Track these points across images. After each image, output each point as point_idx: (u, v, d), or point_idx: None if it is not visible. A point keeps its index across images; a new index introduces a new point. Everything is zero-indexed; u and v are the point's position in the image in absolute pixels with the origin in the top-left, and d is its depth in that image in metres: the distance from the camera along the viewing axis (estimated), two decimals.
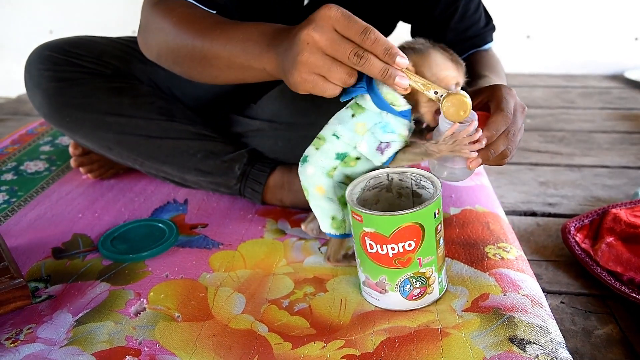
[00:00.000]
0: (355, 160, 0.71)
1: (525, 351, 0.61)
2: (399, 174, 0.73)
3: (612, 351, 0.67)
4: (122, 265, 0.82)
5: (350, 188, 0.70)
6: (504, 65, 0.95)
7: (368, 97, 0.66)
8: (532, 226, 0.96)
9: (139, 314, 0.72)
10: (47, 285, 0.79)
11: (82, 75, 0.94)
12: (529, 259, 0.82)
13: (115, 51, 0.98)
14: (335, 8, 0.57)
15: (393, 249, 0.65)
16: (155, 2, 0.79)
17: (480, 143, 0.63)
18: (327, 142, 0.71)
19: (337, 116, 0.71)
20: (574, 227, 0.88)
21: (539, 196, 1.07)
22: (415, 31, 1.00)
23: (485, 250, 0.81)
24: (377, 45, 0.57)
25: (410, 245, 0.65)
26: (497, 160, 0.67)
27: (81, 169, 1.11)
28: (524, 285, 0.73)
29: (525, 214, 1.01)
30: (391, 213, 0.63)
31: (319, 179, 0.72)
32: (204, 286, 0.77)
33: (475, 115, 0.63)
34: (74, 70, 0.94)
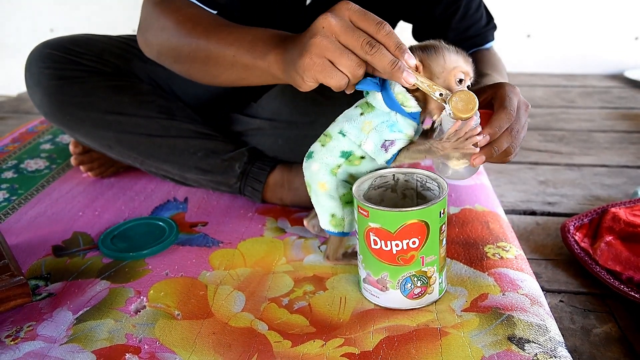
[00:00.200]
0: (359, 160, 0.71)
1: (524, 350, 0.62)
2: (405, 174, 0.73)
3: (611, 350, 0.67)
4: (122, 263, 0.83)
5: (357, 184, 0.70)
6: (504, 63, 0.96)
7: (379, 96, 0.66)
8: (532, 225, 0.96)
9: (139, 311, 0.72)
10: (47, 283, 0.79)
11: (83, 73, 0.94)
12: (528, 258, 0.82)
13: (115, 49, 0.99)
14: (352, 3, 0.60)
15: (397, 245, 0.65)
16: (157, 1, 0.79)
17: (483, 136, 0.63)
18: (333, 140, 0.71)
19: (345, 114, 0.71)
20: (574, 226, 0.89)
21: (538, 195, 1.07)
22: (416, 31, 1.00)
23: (484, 249, 0.81)
24: (390, 39, 0.59)
25: (414, 242, 0.65)
26: (500, 157, 0.67)
27: (81, 167, 1.12)
28: (523, 285, 0.73)
29: (525, 213, 1.01)
30: (398, 209, 0.64)
31: (322, 176, 0.72)
32: (204, 284, 0.77)
33: (478, 112, 0.64)
34: (74, 69, 0.94)
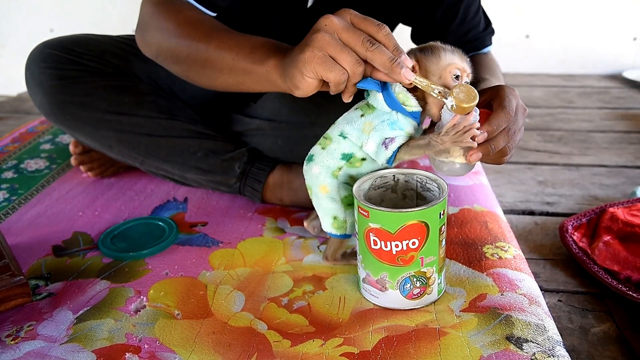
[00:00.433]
0: (360, 161, 0.71)
1: (522, 349, 0.62)
2: (405, 175, 0.73)
3: (609, 349, 0.67)
4: (122, 263, 0.83)
5: (357, 184, 0.70)
6: (503, 64, 0.96)
7: (380, 96, 0.67)
8: (530, 225, 0.96)
9: (139, 311, 0.72)
10: (47, 282, 0.79)
11: (83, 73, 0.94)
12: (526, 258, 0.83)
13: (116, 50, 0.99)
14: (351, 10, 0.63)
15: (397, 246, 0.65)
16: (158, 2, 0.79)
17: (481, 133, 0.63)
18: (333, 142, 0.71)
19: (345, 117, 0.72)
20: (572, 225, 0.89)
21: (537, 195, 1.08)
22: (415, 34, 1.00)
23: (483, 250, 0.82)
24: (389, 40, 0.61)
25: (414, 243, 0.65)
26: (496, 157, 0.68)
27: (81, 167, 1.12)
28: (522, 285, 0.73)
29: (524, 213, 1.01)
30: (398, 210, 0.64)
31: (323, 179, 0.72)
32: (204, 284, 0.77)
33: (477, 109, 0.64)
34: (75, 69, 0.94)
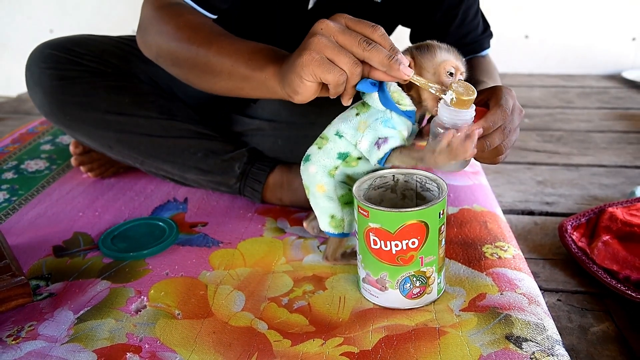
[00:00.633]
0: (356, 161, 0.72)
1: (521, 348, 0.62)
2: (405, 175, 0.74)
3: (608, 348, 0.68)
4: (122, 263, 0.83)
5: (357, 185, 0.70)
6: (502, 64, 0.96)
7: (375, 95, 0.67)
8: (530, 225, 0.97)
9: (140, 311, 0.72)
10: (48, 283, 0.80)
11: (84, 74, 0.94)
12: (526, 258, 0.83)
13: (116, 50, 0.99)
14: (346, 14, 0.63)
15: (397, 245, 0.65)
16: (159, 5, 0.79)
17: (477, 129, 0.63)
18: (329, 142, 0.72)
19: (341, 116, 0.72)
20: (571, 225, 0.89)
21: (536, 195, 1.08)
22: (414, 36, 1.01)
23: (482, 249, 0.82)
24: (385, 40, 0.61)
25: (413, 243, 0.65)
26: (491, 156, 0.68)
27: (82, 168, 1.12)
28: (521, 284, 0.73)
29: (523, 212, 1.02)
30: (398, 210, 0.64)
31: (320, 178, 0.73)
32: (204, 284, 0.77)
33: (473, 105, 0.64)
34: (75, 69, 0.94)
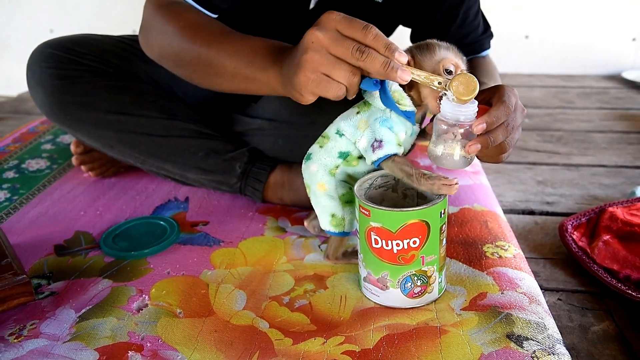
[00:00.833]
0: (357, 160, 0.72)
1: (522, 347, 0.62)
2: None
3: (609, 347, 0.68)
4: (124, 262, 0.83)
5: (358, 184, 0.71)
6: (502, 64, 0.96)
7: (376, 94, 0.67)
8: (530, 224, 0.97)
9: (141, 310, 0.72)
10: (49, 281, 0.80)
11: (84, 73, 0.94)
12: (526, 257, 0.83)
13: (117, 50, 0.99)
14: (336, 12, 0.60)
15: (398, 245, 0.66)
16: (160, 5, 0.79)
17: (480, 125, 0.62)
18: (331, 141, 0.72)
19: (343, 115, 0.73)
20: (571, 225, 0.89)
21: (537, 195, 1.08)
22: (414, 36, 1.01)
23: (483, 249, 0.82)
24: (378, 41, 0.59)
25: (415, 242, 0.66)
26: (494, 154, 0.67)
27: (83, 167, 1.12)
28: (522, 283, 0.74)
29: (524, 212, 1.02)
30: (399, 209, 0.64)
31: (321, 177, 0.73)
32: (205, 283, 0.78)
33: (476, 101, 0.63)
34: (76, 69, 0.94)
